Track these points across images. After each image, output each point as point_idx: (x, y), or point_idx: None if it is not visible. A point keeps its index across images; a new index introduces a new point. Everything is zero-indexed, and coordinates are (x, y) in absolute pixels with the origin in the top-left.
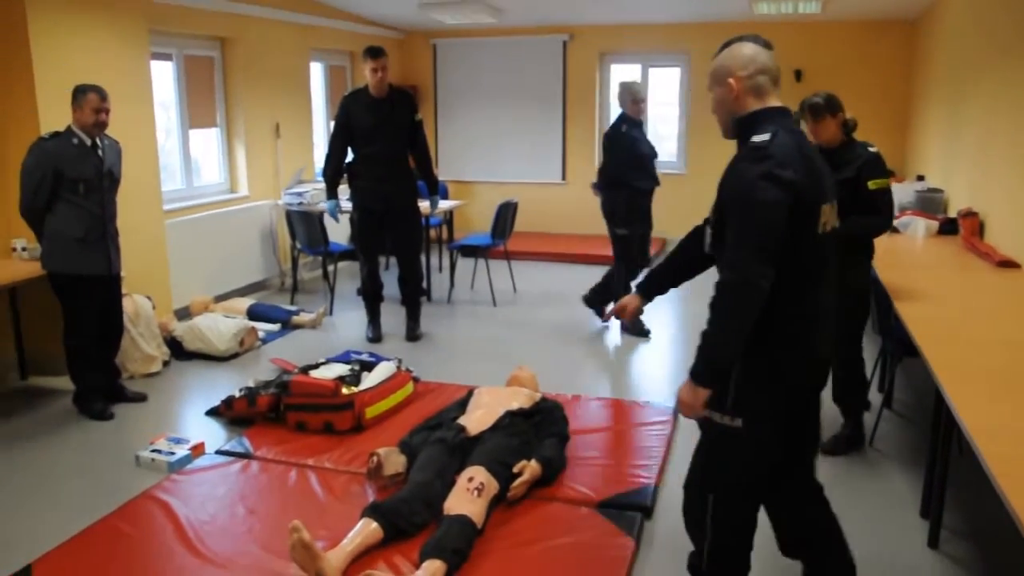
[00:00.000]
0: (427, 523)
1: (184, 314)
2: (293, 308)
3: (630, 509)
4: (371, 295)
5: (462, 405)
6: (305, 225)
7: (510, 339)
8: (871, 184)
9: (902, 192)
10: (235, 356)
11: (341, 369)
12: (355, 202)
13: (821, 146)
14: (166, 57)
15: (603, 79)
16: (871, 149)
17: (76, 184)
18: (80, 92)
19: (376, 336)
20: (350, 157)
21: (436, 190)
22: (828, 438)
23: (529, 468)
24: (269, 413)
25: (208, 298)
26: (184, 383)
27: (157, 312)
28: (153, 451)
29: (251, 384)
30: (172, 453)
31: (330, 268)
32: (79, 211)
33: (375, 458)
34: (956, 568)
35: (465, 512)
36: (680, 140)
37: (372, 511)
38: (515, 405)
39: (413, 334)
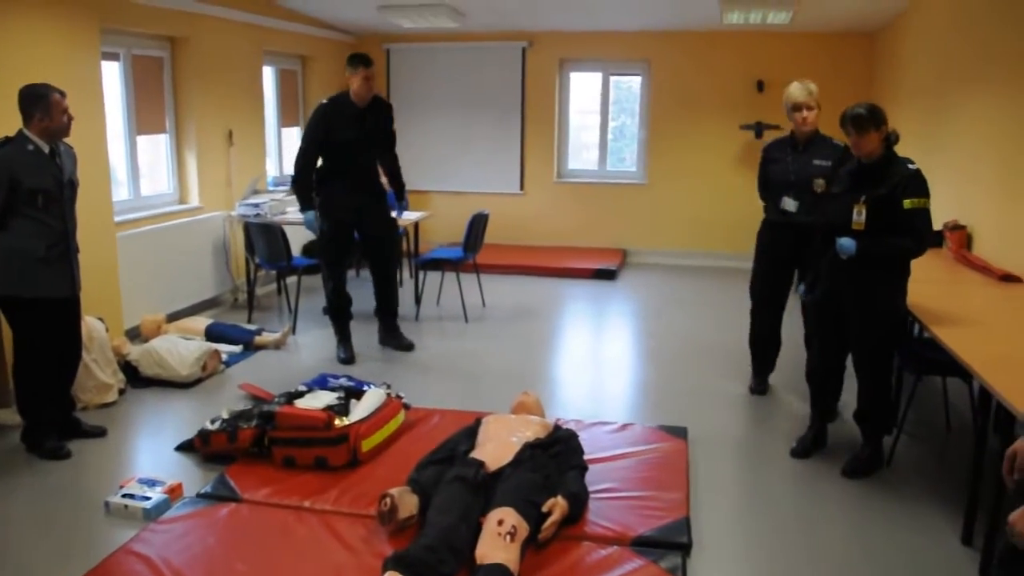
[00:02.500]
0: (455, 573)
1: (134, 335)
2: (253, 327)
3: (667, 547)
4: (339, 312)
5: (471, 436)
6: (265, 238)
7: (489, 357)
8: (907, 203)
9: None
10: (198, 382)
11: (328, 398)
12: (325, 213)
13: (860, 160)
14: (113, 57)
15: (563, 87)
16: (911, 166)
17: (35, 196)
18: (41, 95)
19: (349, 357)
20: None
21: (404, 195)
22: (847, 459)
23: (559, 507)
24: (252, 448)
25: (160, 317)
26: (145, 414)
27: (110, 335)
28: (124, 496)
29: (225, 415)
30: (147, 498)
31: (292, 283)
32: (39, 226)
33: (388, 500)
34: None
35: (500, 560)
36: (640, 150)
37: (397, 563)
38: (531, 436)
39: (405, 341)
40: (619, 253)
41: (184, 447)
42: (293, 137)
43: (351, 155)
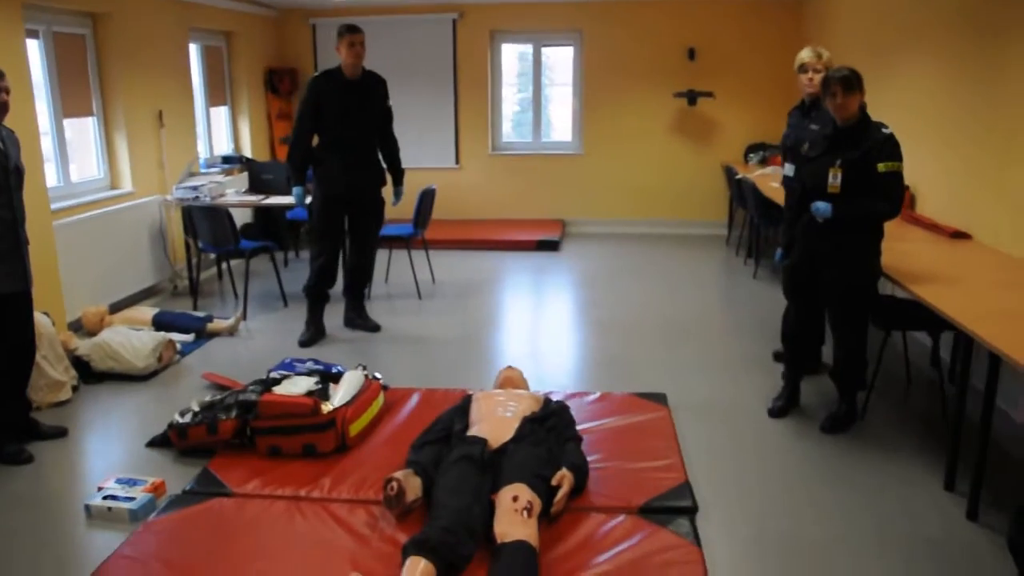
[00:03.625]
0: (473, 553)
1: (76, 328)
2: (202, 315)
3: (674, 512)
4: (319, 294)
5: (463, 414)
6: (210, 222)
7: (451, 332)
8: (881, 167)
9: None
10: (155, 374)
11: (307, 383)
12: (319, 189)
13: (836, 124)
14: (32, 35)
15: (494, 59)
16: (885, 130)
17: None
18: None
19: (310, 339)
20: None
21: (401, 180)
22: (825, 417)
23: (567, 479)
24: (234, 439)
25: (103, 308)
26: (103, 410)
27: (55, 329)
28: (106, 497)
29: (195, 407)
30: (131, 498)
31: (236, 267)
32: None
33: (395, 484)
34: (1002, 540)
35: (522, 537)
36: (575, 120)
37: (419, 548)
38: (525, 410)
39: (372, 323)
40: (558, 224)
41: (157, 442)
42: (222, 117)
43: (341, 130)
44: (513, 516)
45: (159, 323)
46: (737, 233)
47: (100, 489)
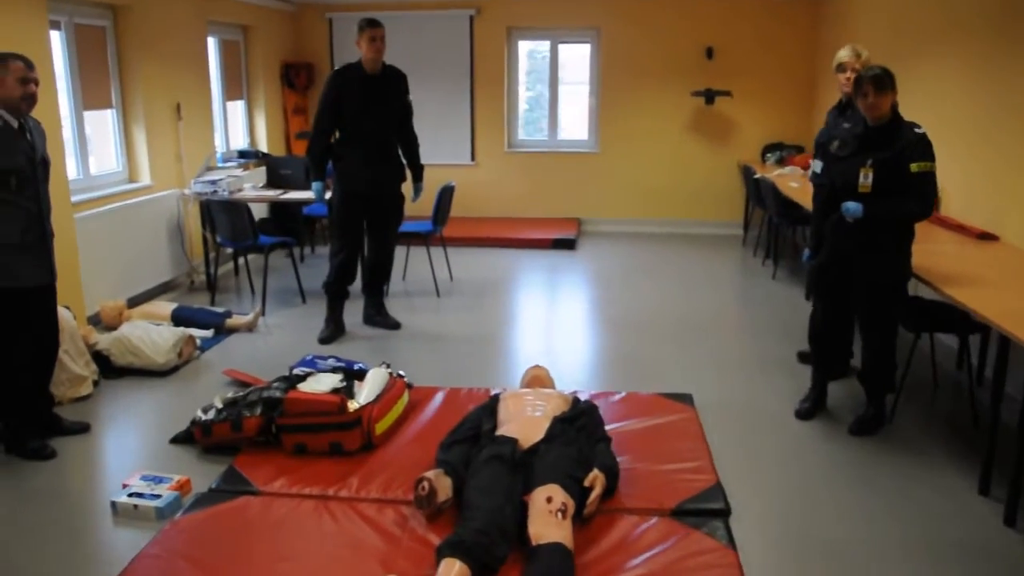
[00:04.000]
0: (507, 555)
1: (95, 322)
2: (221, 310)
3: (707, 514)
4: (339, 291)
5: (491, 413)
6: (229, 216)
7: (471, 331)
8: (913, 167)
9: None
10: (175, 369)
11: (332, 380)
12: (339, 185)
13: (867, 123)
14: (55, 26)
15: (511, 55)
16: (918, 130)
17: (7, 177)
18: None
19: (330, 336)
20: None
21: (421, 176)
22: (853, 419)
23: (599, 481)
24: (259, 437)
25: (121, 303)
26: (125, 406)
27: (76, 324)
28: (132, 495)
29: (218, 404)
30: (157, 496)
31: (253, 262)
32: (13, 210)
33: (426, 484)
34: None
35: (558, 539)
36: (591, 118)
37: (454, 549)
38: (554, 409)
39: (392, 320)
40: (574, 222)
41: (180, 439)
42: (238, 111)
43: (361, 125)
44: (548, 518)
45: (178, 318)
46: (754, 233)
47: (125, 486)
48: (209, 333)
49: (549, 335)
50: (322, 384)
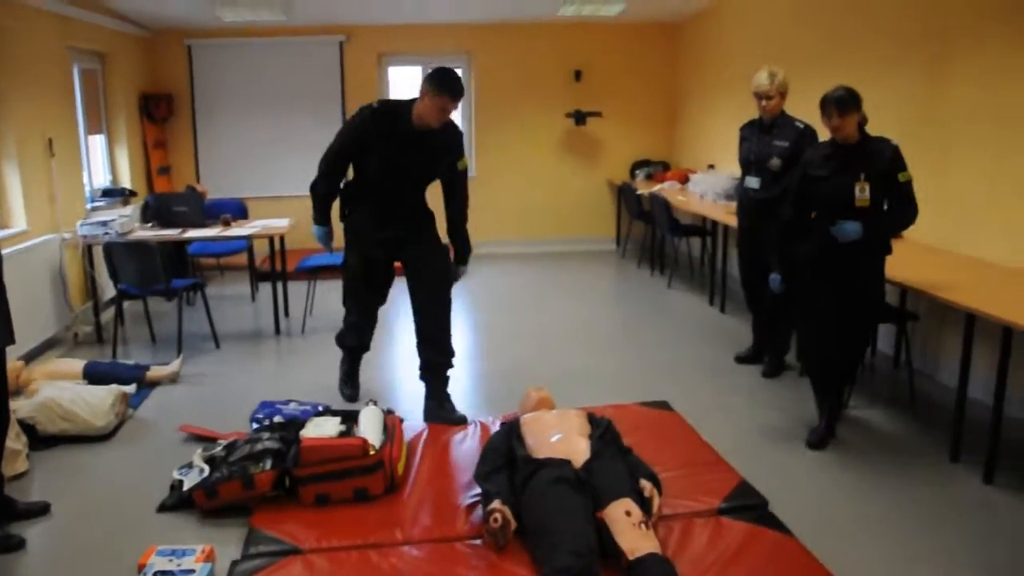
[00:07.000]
0: (600, 573)
1: None
2: (132, 363)
3: (750, 509)
4: (344, 347)
5: (517, 438)
6: (136, 259)
7: (411, 359)
8: (901, 176)
9: (719, 181)
10: (114, 432)
11: (333, 424)
12: (351, 242)
13: (838, 142)
14: None
15: (382, 82)
16: (892, 142)
17: None
18: None
19: (352, 395)
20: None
21: (466, 258)
22: (809, 433)
23: (651, 489)
24: (272, 492)
25: (18, 364)
26: (74, 478)
27: None
28: (159, 574)
29: (199, 463)
30: (190, 571)
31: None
32: None
33: (497, 515)
34: (1020, 499)
35: (653, 549)
36: (466, 142)
37: None
38: (582, 428)
39: (458, 415)
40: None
41: (170, 506)
42: (97, 146)
43: (383, 183)
44: (635, 531)
45: (92, 375)
46: (632, 247)
47: (142, 568)
48: (132, 389)
49: (492, 356)
50: (325, 429)
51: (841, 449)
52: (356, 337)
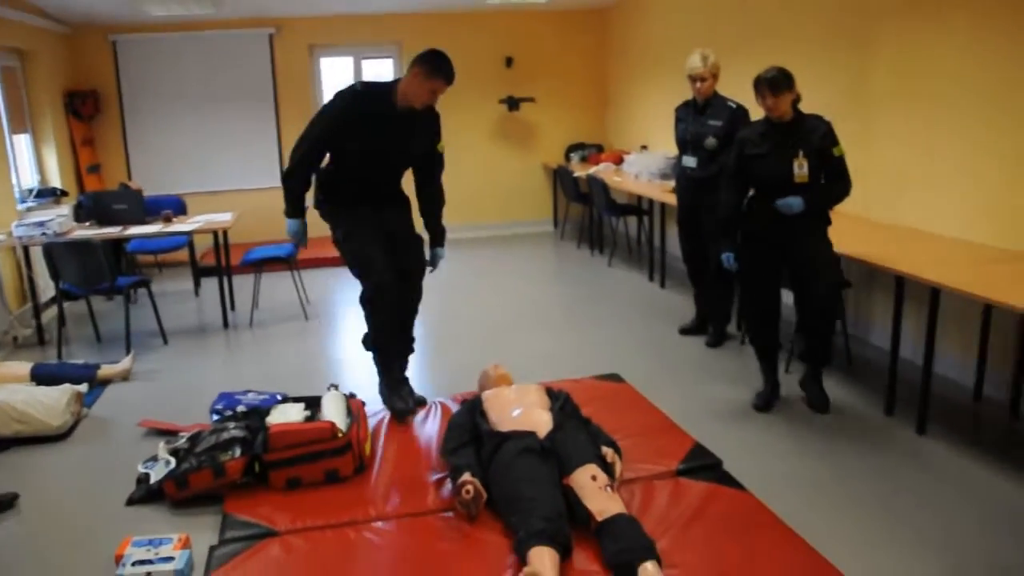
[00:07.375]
0: (571, 535)
1: None
2: (81, 362)
3: (707, 469)
4: (385, 340)
5: (480, 414)
6: (79, 259)
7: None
8: (835, 151)
9: (653, 161)
10: (71, 431)
11: (297, 410)
12: (341, 224)
13: (773, 120)
14: None
15: (314, 73)
16: (826, 118)
17: None
18: None
19: (407, 406)
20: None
21: (442, 241)
22: (755, 397)
23: (613, 455)
24: (242, 479)
25: None
26: (33, 478)
27: None
28: (138, 564)
29: (164, 455)
30: (168, 558)
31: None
32: None
33: (470, 487)
34: (949, 447)
35: (620, 511)
36: None
37: (539, 538)
38: (542, 401)
39: (417, 397)
40: None
41: (138, 499)
42: (23, 145)
43: (364, 168)
44: (601, 494)
45: (40, 377)
46: (573, 227)
47: (119, 559)
48: (84, 388)
49: (444, 339)
50: (290, 416)
51: (785, 410)
52: (387, 312)
